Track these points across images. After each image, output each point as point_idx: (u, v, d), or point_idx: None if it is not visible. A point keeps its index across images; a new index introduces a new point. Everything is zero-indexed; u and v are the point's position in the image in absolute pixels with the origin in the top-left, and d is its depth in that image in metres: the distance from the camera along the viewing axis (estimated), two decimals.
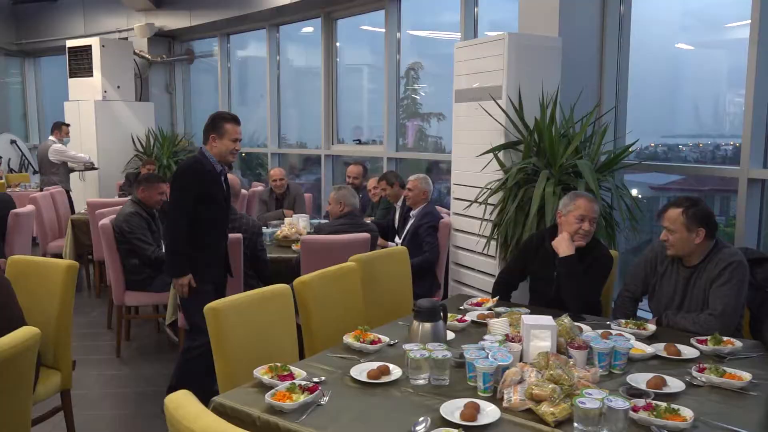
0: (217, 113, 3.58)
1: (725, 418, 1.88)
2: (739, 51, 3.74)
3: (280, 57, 8.46)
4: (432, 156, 6.68)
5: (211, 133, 3.46)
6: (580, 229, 2.99)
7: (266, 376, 2.13)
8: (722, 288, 2.70)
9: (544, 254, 3.10)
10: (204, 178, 3.43)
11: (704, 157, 4.59)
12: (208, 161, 3.47)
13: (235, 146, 3.49)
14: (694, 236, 2.76)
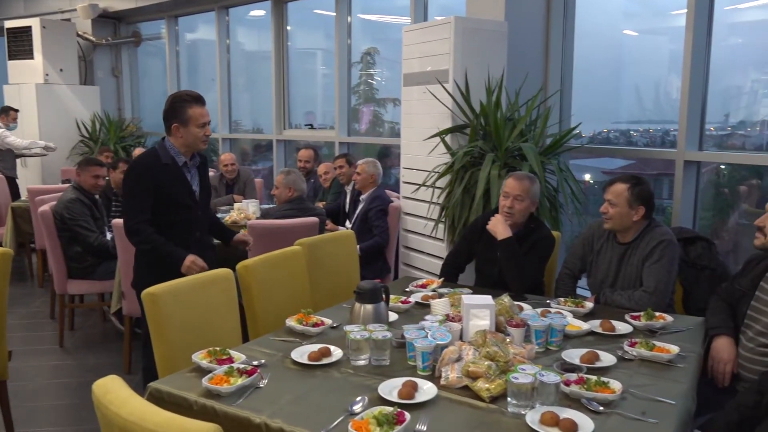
0: (175, 95, 3.00)
1: (652, 390, 1.95)
2: (681, 38, 3.84)
3: (231, 40, 8.30)
4: (383, 140, 6.68)
5: (172, 122, 2.94)
6: (504, 208, 3.06)
7: (204, 361, 2.11)
8: (655, 266, 2.78)
9: (487, 235, 3.13)
10: (157, 175, 2.92)
11: (653, 143, 4.71)
12: (166, 153, 2.96)
13: (204, 132, 2.97)
14: (633, 213, 2.84)
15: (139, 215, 2.92)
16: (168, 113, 2.96)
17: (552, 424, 1.71)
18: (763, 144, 3.95)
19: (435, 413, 1.82)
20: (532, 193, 3.07)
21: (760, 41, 3.95)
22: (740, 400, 2.11)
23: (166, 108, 2.98)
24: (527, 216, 3.11)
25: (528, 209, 3.08)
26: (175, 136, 2.97)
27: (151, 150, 3.03)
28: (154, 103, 9.81)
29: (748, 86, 4.01)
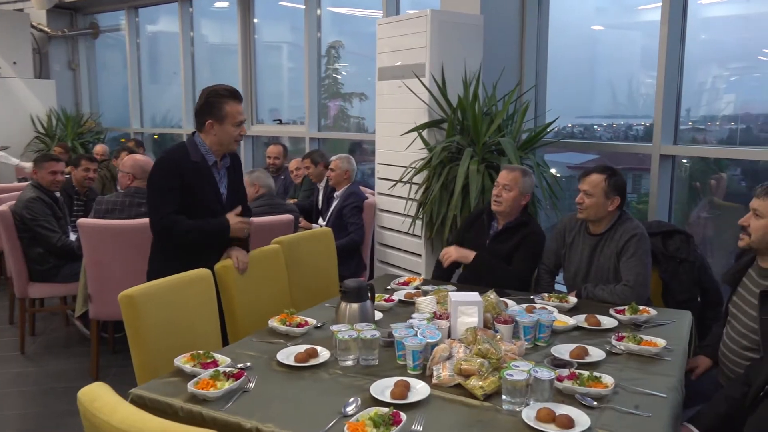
0: (210, 90, 2.74)
1: (643, 383, 1.96)
2: (650, 33, 3.90)
3: (194, 33, 8.11)
4: (355, 136, 6.62)
5: (207, 118, 2.71)
6: (493, 197, 3.10)
7: (188, 365, 2.03)
8: (632, 260, 2.82)
9: (479, 224, 3.17)
10: (186, 173, 2.69)
11: (617, 137, 4.78)
12: (195, 150, 2.73)
13: (240, 131, 2.75)
14: (609, 203, 2.89)
15: (165, 208, 2.68)
16: (203, 109, 2.74)
17: (549, 421, 1.70)
18: (724, 138, 4.05)
19: (429, 413, 1.79)
20: (521, 184, 3.07)
21: (720, 37, 4.04)
22: (728, 392, 2.14)
23: (200, 103, 2.75)
24: (519, 209, 3.12)
25: (517, 200, 3.08)
26: (208, 134, 2.74)
27: (180, 145, 2.82)
28: (114, 98, 9.54)
29: (709, 82, 4.09)
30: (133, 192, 3.99)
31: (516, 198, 3.07)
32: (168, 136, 9.16)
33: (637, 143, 4.34)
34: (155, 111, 9.13)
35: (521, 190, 3.08)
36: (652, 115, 3.90)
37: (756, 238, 2.31)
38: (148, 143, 8.60)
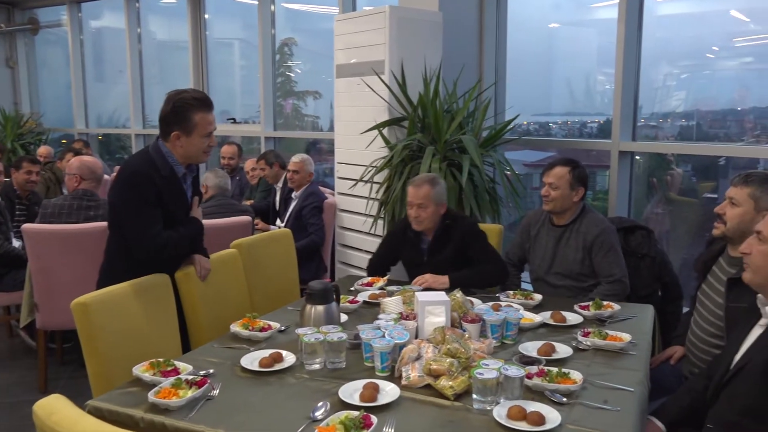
0: (177, 97, 2.47)
1: (610, 378, 1.98)
2: (605, 30, 3.96)
3: (141, 29, 7.86)
4: (313, 135, 6.54)
5: (173, 129, 2.47)
6: (411, 218, 2.97)
7: (148, 374, 1.95)
8: (608, 255, 2.89)
9: (409, 242, 3.09)
10: (158, 187, 2.46)
11: (572, 134, 4.86)
12: (163, 162, 2.49)
13: (209, 142, 2.53)
14: (574, 194, 2.95)
15: (154, 227, 2.45)
16: (168, 118, 2.49)
17: (520, 418, 1.70)
18: (676, 134, 4.16)
19: (400, 415, 1.76)
20: (434, 196, 2.93)
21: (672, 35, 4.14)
22: (690, 384, 2.18)
23: (166, 110, 2.50)
24: (440, 218, 3.00)
25: (436, 213, 2.96)
26: (174, 145, 2.50)
27: (145, 156, 2.52)
28: (56, 97, 9.18)
29: (662, 80, 4.20)
30: (80, 194, 3.84)
31: (434, 212, 2.95)
32: (113, 136, 8.87)
33: (596, 140, 4.41)
34: (101, 110, 8.82)
35: (436, 202, 2.94)
36: (606, 112, 3.98)
37: (731, 227, 2.34)
38: (93, 144, 8.30)
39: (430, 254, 3.04)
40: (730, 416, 1.79)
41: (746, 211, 2.29)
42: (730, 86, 4.01)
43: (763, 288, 1.86)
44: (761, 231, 1.84)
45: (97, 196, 3.93)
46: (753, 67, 3.91)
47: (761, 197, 2.28)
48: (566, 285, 2.98)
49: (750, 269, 1.87)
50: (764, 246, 1.82)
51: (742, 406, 1.76)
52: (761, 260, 1.82)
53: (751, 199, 2.29)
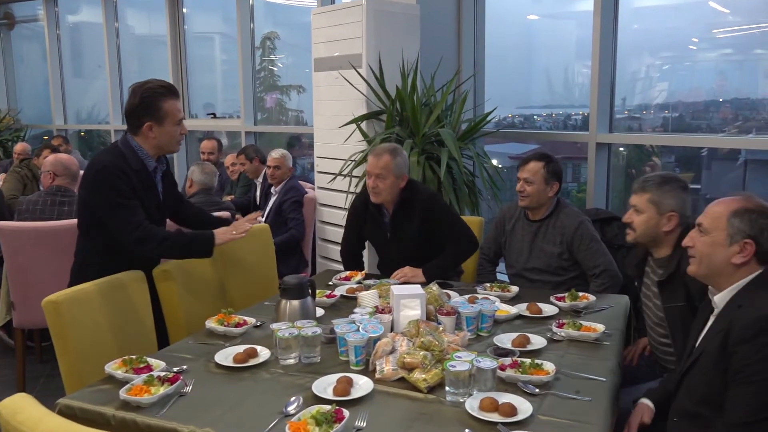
0: (144, 87, 2.45)
1: (583, 368, 1.99)
2: (584, 22, 3.96)
3: (119, 23, 7.77)
4: (292, 129, 6.51)
5: (144, 120, 2.44)
6: (369, 188, 2.92)
7: (120, 371, 1.94)
8: (590, 247, 2.92)
9: (372, 217, 3.06)
10: (132, 183, 2.44)
11: (557, 127, 4.87)
12: (134, 156, 2.46)
13: (181, 130, 2.53)
14: (549, 189, 2.96)
15: (136, 217, 2.41)
16: (137, 109, 2.45)
17: (492, 410, 1.70)
18: (658, 126, 4.18)
19: (373, 408, 1.77)
20: (394, 167, 2.87)
21: (652, 27, 4.16)
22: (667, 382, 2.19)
23: (133, 102, 2.46)
24: (399, 190, 2.94)
25: (396, 185, 2.90)
26: (146, 137, 2.47)
27: (115, 151, 2.48)
28: (34, 93, 9.05)
29: (643, 71, 4.22)
30: (54, 191, 3.81)
31: (393, 184, 2.89)
32: (95, 132, 8.78)
33: (574, 132, 4.43)
34: (80, 106, 8.72)
35: (396, 173, 2.88)
36: (586, 104, 3.98)
37: (640, 233, 2.39)
38: (74, 141, 8.21)
39: (392, 229, 3.01)
40: (690, 407, 1.81)
41: (650, 217, 2.35)
42: (711, 77, 4.04)
43: (707, 278, 1.88)
44: (702, 223, 1.87)
45: (71, 192, 3.89)
46: (733, 59, 3.94)
47: (660, 201, 2.33)
48: (544, 279, 2.99)
49: (694, 261, 1.89)
50: (705, 236, 1.85)
51: (699, 396, 1.78)
52: (704, 248, 1.84)
53: (652, 204, 2.34)
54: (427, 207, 2.94)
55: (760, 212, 1.78)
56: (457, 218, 3.03)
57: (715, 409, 1.73)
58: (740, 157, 3.95)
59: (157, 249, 2.46)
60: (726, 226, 1.80)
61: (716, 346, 1.74)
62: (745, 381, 1.65)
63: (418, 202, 2.94)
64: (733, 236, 1.79)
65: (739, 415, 1.66)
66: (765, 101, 3.78)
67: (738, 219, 1.79)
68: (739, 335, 1.67)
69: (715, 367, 1.73)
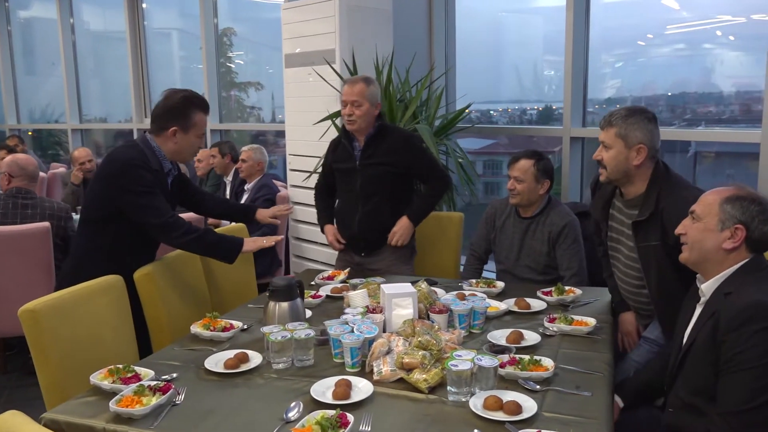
0: (182, 95, 2.53)
1: (579, 363, 2.00)
2: (551, 18, 3.99)
3: (74, 19, 7.49)
4: (262, 126, 6.40)
5: (172, 124, 2.50)
6: (345, 116, 2.93)
7: (107, 381, 1.85)
8: (570, 248, 2.93)
9: (342, 150, 3.08)
10: (151, 176, 2.48)
11: (513, 122, 4.91)
12: (153, 156, 2.51)
13: (200, 144, 2.64)
14: (539, 187, 2.96)
15: (164, 206, 2.47)
16: (171, 113, 2.52)
17: (496, 408, 1.69)
18: None
19: (375, 411, 1.73)
20: (369, 95, 2.89)
21: (608, 23, 4.21)
22: (651, 365, 2.22)
23: (169, 105, 2.52)
24: (374, 121, 2.97)
25: (370, 113, 2.92)
26: (168, 140, 2.53)
27: (137, 148, 2.51)
28: None
29: (598, 67, 4.27)
30: (14, 193, 3.67)
31: (368, 111, 2.91)
32: (46, 131, 8.45)
33: (548, 126, 4.46)
34: (33, 105, 8.39)
35: (370, 101, 2.90)
36: (545, 99, 4.01)
37: (611, 170, 2.36)
38: (25, 140, 7.88)
39: (362, 158, 3.01)
40: (685, 398, 1.84)
41: (619, 151, 2.32)
42: (665, 72, 4.13)
43: (698, 265, 1.90)
44: (694, 210, 1.90)
45: (33, 194, 3.74)
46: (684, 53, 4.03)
47: (627, 134, 2.30)
48: (532, 278, 2.99)
49: (686, 247, 1.91)
50: (698, 223, 1.87)
51: (694, 387, 1.81)
52: (696, 235, 1.87)
53: (619, 138, 2.31)
54: (406, 143, 3.00)
55: (751, 199, 1.82)
56: (433, 157, 3.10)
57: (708, 399, 1.75)
58: (690, 149, 4.05)
59: (182, 239, 2.48)
60: (718, 211, 1.83)
61: (706, 336, 1.76)
62: (735, 369, 1.68)
63: (392, 136, 2.99)
64: (724, 222, 1.82)
65: (732, 403, 1.68)
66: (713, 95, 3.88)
67: (730, 205, 1.82)
68: (728, 324, 1.69)
69: (705, 358, 1.75)
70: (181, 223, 2.49)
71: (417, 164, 3.01)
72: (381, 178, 2.99)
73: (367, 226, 3.03)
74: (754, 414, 1.65)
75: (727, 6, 3.69)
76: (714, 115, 3.86)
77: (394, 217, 3.03)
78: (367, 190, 3.01)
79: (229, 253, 2.57)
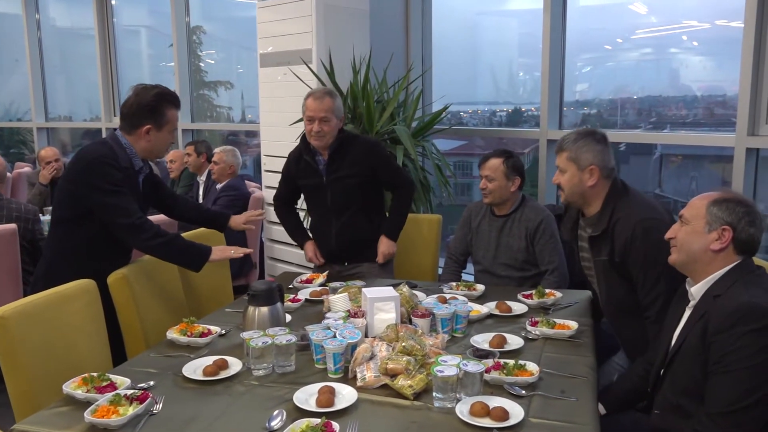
0: (155, 92, 2.45)
1: (562, 367, 1.99)
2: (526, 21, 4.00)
3: (40, 15, 7.28)
4: (236, 126, 6.31)
5: (145, 122, 2.43)
6: (312, 132, 2.85)
7: (80, 390, 1.78)
8: (549, 243, 2.96)
9: (306, 166, 3.00)
10: (120, 174, 2.40)
11: (483, 123, 4.92)
12: (123, 154, 2.43)
13: (172, 139, 2.58)
14: (510, 184, 2.99)
15: (132, 207, 2.39)
16: (144, 111, 2.43)
17: (483, 414, 1.67)
18: (578, 122, 4.27)
19: (361, 418, 1.70)
20: (336, 109, 2.85)
21: (579, 27, 4.25)
22: (633, 369, 2.24)
23: (140, 103, 2.44)
24: (336, 134, 2.91)
25: (337, 127, 2.88)
26: (140, 138, 2.46)
27: (106, 145, 2.43)
28: None
29: (569, 70, 4.30)
30: None
31: (336, 125, 2.86)
32: (7, 130, 8.20)
33: (525, 129, 4.47)
34: None
35: (337, 115, 2.86)
36: (514, 101, 4.02)
37: (568, 193, 2.42)
38: None
39: (328, 173, 2.95)
40: (673, 398, 1.85)
41: (573, 174, 2.38)
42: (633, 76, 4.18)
43: (686, 266, 1.92)
44: (683, 214, 1.93)
45: (1, 195, 3.60)
46: (650, 57, 4.09)
47: (578, 156, 2.36)
48: (510, 275, 3.01)
49: (675, 249, 1.93)
50: (686, 226, 1.90)
51: (683, 388, 1.82)
52: (684, 237, 1.89)
53: (571, 162, 2.38)
54: (370, 151, 2.96)
55: (737, 201, 1.84)
56: (396, 164, 3.11)
57: (696, 400, 1.77)
58: (656, 151, 4.12)
59: (150, 242, 2.42)
60: (705, 214, 1.85)
61: (695, 337, 1.78)
62: (723, 371, 1.69)
63: (357, 147, 2.94)
64: (711, 224, 1.84)
65: (720, 404, 1.69)
66: (676, 98, 3.96)
67: (716, 207, 1.84)
68: (717, 325, 1.71)
69: (695, 359, 1.77)
70: (149, 226, 2.42)
71: (382, 170, 2.98)
72: (351, 190, 2.94)
73: (344, 239, 3.00)
74: (741, 414, 1.66)
75: (693, 12, 3.76)
76: (679, 118, 3.93)
77: (371, 225, 3.01)
78: (339, 205, 2.96)
79: (197, 260, 2.51)
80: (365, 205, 3.00)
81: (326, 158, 2.94)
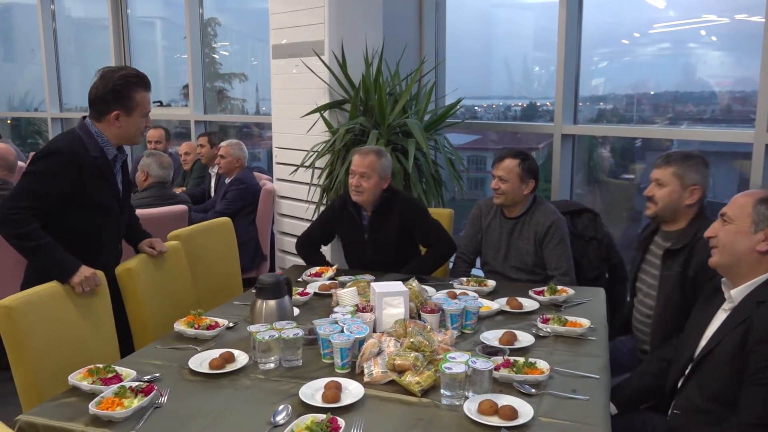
0: (119, 75, 2.31)
1: (574, 366, 1.95)
2: (542, 14, 3.94)
3: (55, 6, 7.31)
4: (248, 118, 6.29)
5: (113, 108, 2.31)
6: (352, 186, 2.92)
7: (86, 382, 1.78)
8: (558, 247, 2.88)
9: (349, 218, 3.02)
10: (83, 171, 2.26)
11: (498, 118, 4.86)
12: (93, 143, 2.31)
13: (147, 122, 2.43)
14: (524, 187, 2.91)
15: (27, 202, 2.18)
16: (110, 96, 2.30)
17: (491, 413, 1.65)
18: (593, 117, 4.21)
19: (367, 415, 1.68)
20: (379, 168, 2.88)
21: (596, 21, 4.17)
22: (645, 368, 2.20)
23: (104, 88, 2.30)
24: (381, 192, 2.94)
25: (378, 186, 2.90)
26: (110, 125, 2.33)
27: (74, 136, 2.31)
28: None
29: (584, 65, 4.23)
30: None
31: (376, 184, 2.89)
32: (25, 120, 8.25)
33: (539, 123, 4.40)
34: (11, 93, 8.18)
35: (380, 174, 2.89)
36: (529, 96, 3.95)
37: (662, 206, 2.40)
38: (3, 129, 7.70)
39: (371, 231, 2.99)
40: (699, 402, 1.80)
41: (673, 190, 2.37)
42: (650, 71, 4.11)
43: (728, 269, 1.86)
44: (725, 213, 1.86)
45: (11, 184, 3.62)
46: (668, 53, 4.02)
47: (684, 174, 2.36)
48: (521, 278, 2.94)
49: (717, 250, 1.88)
50: (729, 225, 1.84)
51: (711, 392, 1.77)
52: (727, 238, 1.83)
53: (676, 178, 2.37)
54: (406, 209, 2.97)
55: None
56: (435, 222, 3.05)
57: (727, 406, 1.71)
58: (672, 147, 4.05)
59: (17, 239, 2.19)
60: (751, 213, 1.79)
61: (734, 343, 1.72)
62: (762, 382, 1.64)
63: (398, 204, 2.96)
64: (758, 223, 1.78)
65: (754, 415, 1.65)
66: (694, 94, 3.90)
67: (764, 206, 1.78)
68: (760, 334, 1.65)
69: (731, 365, 1.71)
70: (28, 223, 2.17)
71: (417, 229, 2.98)
72: (390, 248, 2.99)
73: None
74: None
75: (712, 6, 3.68)
76: (696, 114, 3.86)
77: (401, 259, 3.01)
78: (378, 261, 2.98)
79: (62, 274, 2.17)
80: (401, 260, 2.99)
81: (370, 214, 2.98)
